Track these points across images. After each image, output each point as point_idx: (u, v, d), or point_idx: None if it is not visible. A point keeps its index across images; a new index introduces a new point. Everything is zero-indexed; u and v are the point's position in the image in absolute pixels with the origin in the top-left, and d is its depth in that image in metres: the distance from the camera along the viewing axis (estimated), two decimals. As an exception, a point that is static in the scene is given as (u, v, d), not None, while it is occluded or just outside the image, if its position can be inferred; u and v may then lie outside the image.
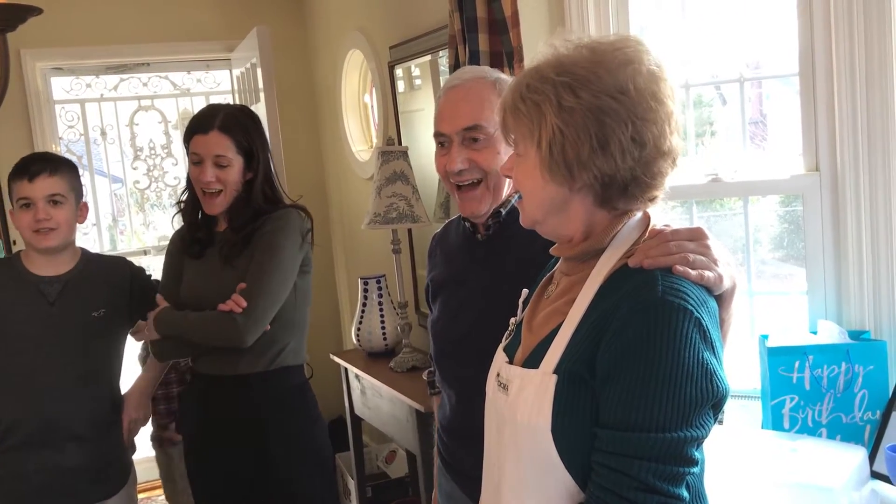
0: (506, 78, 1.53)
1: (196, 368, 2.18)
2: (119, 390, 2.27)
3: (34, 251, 2.14)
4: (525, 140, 1.10)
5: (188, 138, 2.09)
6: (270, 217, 2.08)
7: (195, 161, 2.07)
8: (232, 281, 2.02)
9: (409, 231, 3.35)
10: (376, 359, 3.22)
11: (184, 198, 2.17)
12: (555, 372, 1.06)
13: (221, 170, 2.05)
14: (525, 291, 1.28)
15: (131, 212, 4.38)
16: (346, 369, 3.34)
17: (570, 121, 1.04)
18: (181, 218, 2.19)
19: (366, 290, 3.26)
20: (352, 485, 3.48)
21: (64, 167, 2.12)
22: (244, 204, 2.10)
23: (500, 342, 1.27)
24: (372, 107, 3.87)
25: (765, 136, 2.56)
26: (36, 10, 0.90)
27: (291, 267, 2.06)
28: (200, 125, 2.07)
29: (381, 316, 3.25)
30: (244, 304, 1.95)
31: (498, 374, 1.19)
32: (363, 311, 3.27)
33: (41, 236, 2.08)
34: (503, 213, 1.54)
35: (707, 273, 1.04)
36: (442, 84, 3.01)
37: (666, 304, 0.99)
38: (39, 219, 2.06)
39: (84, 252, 2.23)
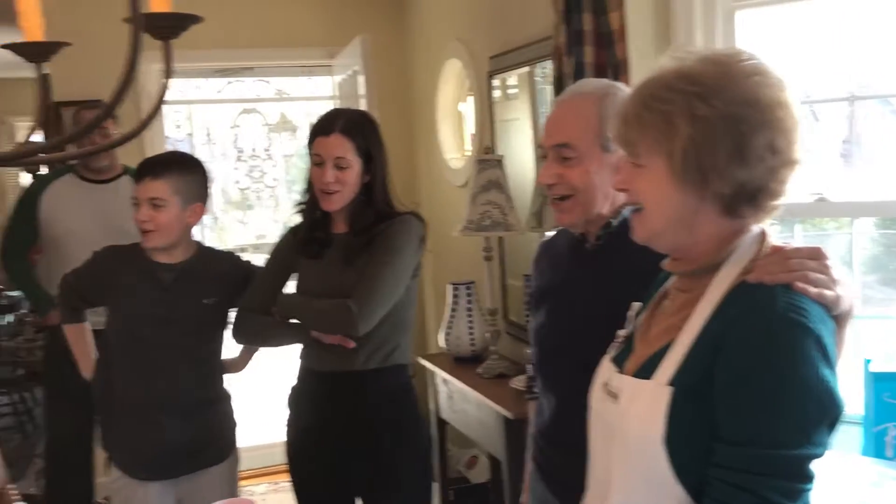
0: (624, 90, 1.54)
1: (309, 366, 2.24)
2: (222, 371, 2.41)
3: None
4: (650, 150, 1.10)
5: (311, 140, 2.16)
6: (391, 222, 2.14)
7: (317, 162, 2.13)
8: (352, 280, 2.08)
9: (500, 239, 3.38)
10: (463, 364, 3.26)
11: (304, 199, 2.25)
12: (669, 384, 1.07)
13: (341, 171, 2.11)
14: (636, 305, 1.29)
15: (232, 210, 4.56)
16: (433, 373, 3.39)
17: (704, 130, 1.05)
18: (301, 217, 2.25)
19: (455, 296, 3.31)
20: (435, 487, 3.52)
21: (173, 171, 2.21)
22: (364, 206, 2.16)
23: (604, 352, 1.28)
24: (466, 115, 3.93)
25: (859, 155, 2.51)
26: (197, 19, 0.97)
27: (408, 268, 2.13)
28: (323, 128, 2.14)
29: (470, 322, 3.29)
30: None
31: (606, 384, 1.20)
32: (452, 316, 3.32)
33: (143, 235, 2.22)
34: (614, 223, 1.56)
35: (826, 292, 1.04)
36: (541, 96, 3.07)
37: (786, 321, 1.00)
38: (138, 219, 2.19)
39: (200, 245, 2.36)
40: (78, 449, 3.37)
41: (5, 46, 1.09)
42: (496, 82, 3.39)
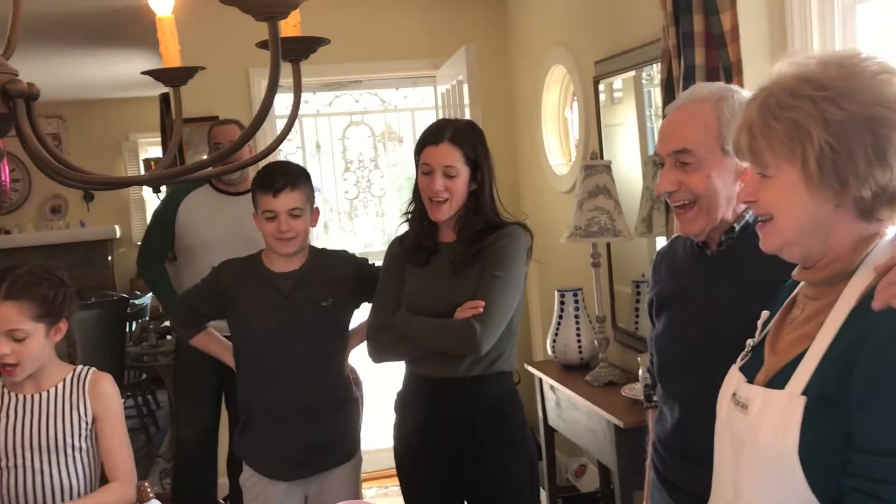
0: (740, 93, 1.51)
1: (414, 371, 2.29)
2: (347, 371, 2.48)
3: (273, 253, 2.37)
4: (779, 160, 1.08)
5: (419, 150, 2.21)
6: (500, 233, 2.17)
7: (426, 171, 2.18)
8: (460, 289, 2.12)
9: (608, 245, 3.35)
10: (571, 371, 3.24)
11: (411, 208, 2.29)
12: (803, 393, 1.05)
13: (450, 179, 2.15)
14: (765, 313, 1.27)
15: (340, 219, 4.68)
16: (540, 380, 3.39)
17: (840, 134, 1.03)
18: (408, 226, 2.31)
19: (562, 303, 3.30)
20: (543, 495, 3.52)
21: (301, 180, 2.33)
22: (472, 214, 2.19)
23: (728, 360, 1.26)
24: (571, 121, 3.91)
25: None
26: (325, 41, 1.02)
27: (520, 281, 2.16)
28: (432, 137, 2.19)
29: (577, 329, 3.27)
30: (482, 305, 2.04)
31: (734, 394, 1.18)
32: (559, 323, 3.30)
33: (283, 243, 2.31)
34: (737, 228, 1.53)
35: None
36: (647, 99, 3.03)
37: None
38: (283, 230, 2.29)
39: (312, 248, 2.45)
40: (205, 449, 3.53)
41: (147, 73, 1.17)
42: (602, 87, 3.36)
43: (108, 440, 2.12)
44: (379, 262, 2.44)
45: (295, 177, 2.31)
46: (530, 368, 3.47)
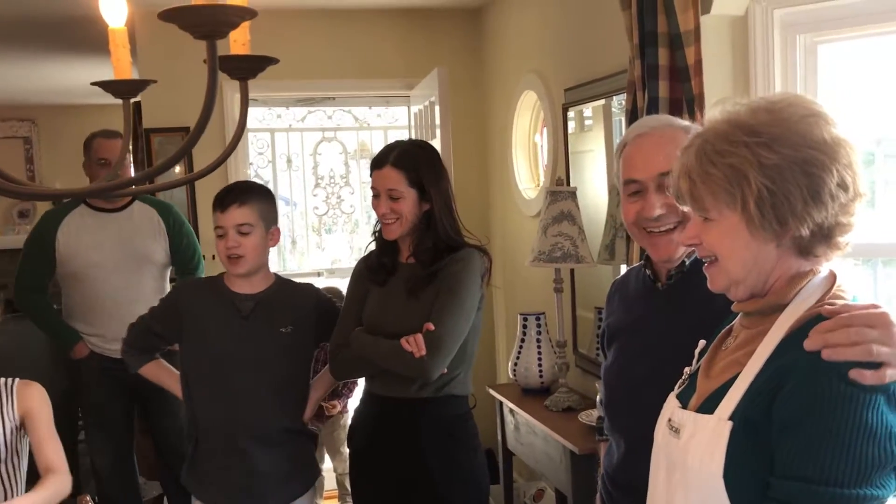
0: (695, 127, 1.53)
1: (370, 389, 2.29)
2: (306, 401, 2.40)
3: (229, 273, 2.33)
4: (720, 203, 1.11)
5: (370, 174, 2.25)
6: (455, 257, 2.18)
7: (374, 194, 2.23)
8: (414, 312, 2.13)
9: (572, 271, 3.37)
10: (531, 395, 3.24)
11: (377, 228, 2.30)
12: (730, 418, 1.07)
13: (395, 202, 2.18)
14: (702, 343, 1.29)
15: (309, 235, 4.67)
16: (500, 403, 3.39)
17: (776, 177, 1.07)
18: (375, 244, 2.32)
19: (525, 326, 3.30)
20: (499, 518, 3.50)
21: (254, 197, 2.27)
22: (425, 234, 2.21)
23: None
24: (541, 146, 3.94)
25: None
26: (273, 61, 1.02)
27: (472, 306, 2.16)
28: (377, 161, 2.23)
29: (539, 353, 3.27)
30: (424, 352, 2.04)
31: (669, 420, 1.21)
32: (521, 347, 3.31)
33: (232, 262, 2.26)
34: (687, 263, 1.54)
35: (889, 371, 1.00)
36: (617, 128, 3.06)
37: (850, 366, 0.99)
38: (229, 246, 2.23)
39: (278, 277, 2.41)
40: (121, 476, 3.38)
41: (97, 84, 1.16)
42: (572, 114, 3.39)
43: (38, 432, 2.10)
44: (346, 280, 2.43)
45: (246, 193, 2.27)
46: (492, 391, 3.47)
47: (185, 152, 0.87)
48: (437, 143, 3.68)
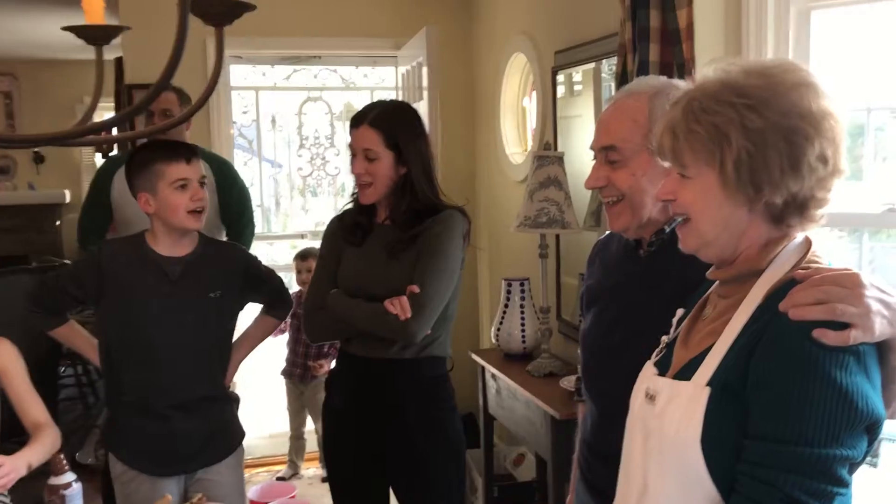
0: (680, 87, 1.49)
1: (346, 349, 2.27)
2: (227, 365, 2.36)
3: (175, 232, 2.19)
4: (699, 162, 1.11)
5: (349, 132, 2.22)
6: (436, 219, 2.15)
7: (352, 154, 2.20)
8: (395, 274, 2.11)
9: (557, 237, 3.35)
10: (513, 360, 3.24)
11: (356, 191, 2.26)
12: (708, 384, 1.07)
13: (371, 163, 2.14)
14: (680, 311, 1.28)
15: (293, 196, 4.62)
16: (483, 368, 3.38)
17: (758, 141, 1.06)
18: (354, 205, 2.28)
19: (509, 292, 3.29)
20: (479, 482, 3.52)
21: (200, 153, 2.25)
22: (402, 197, 2.17)
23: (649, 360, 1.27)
24: (529, 110, 3.90)
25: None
26: (249, 7, 0.97)
27: (455, 268, 2.15)
28: (356, 120, 2.20)
29: (522, 318, 3.27)
30: (409, 314, 2.02)
31: (647, 388, 1.20)
32: (504, 312, 3.30)
33: (195, 216, 2.17)
34: (667, 229, 1.52)
35: (853, 332, 1.00)
36: (606, 93, 3.02)
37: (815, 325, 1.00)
38: (200, 198, 2.15)
39: (202, 237, 2.30)
40: None
41: (67, 28, 1.11)
42: (561, 78, 3.34)
43: (14, 388, 2.04)
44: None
45: (194, 149, 2.23)
46: (474, 356, 3.46)
47: (152, 99, 0.84)
48: (424, 105, 3.63)
